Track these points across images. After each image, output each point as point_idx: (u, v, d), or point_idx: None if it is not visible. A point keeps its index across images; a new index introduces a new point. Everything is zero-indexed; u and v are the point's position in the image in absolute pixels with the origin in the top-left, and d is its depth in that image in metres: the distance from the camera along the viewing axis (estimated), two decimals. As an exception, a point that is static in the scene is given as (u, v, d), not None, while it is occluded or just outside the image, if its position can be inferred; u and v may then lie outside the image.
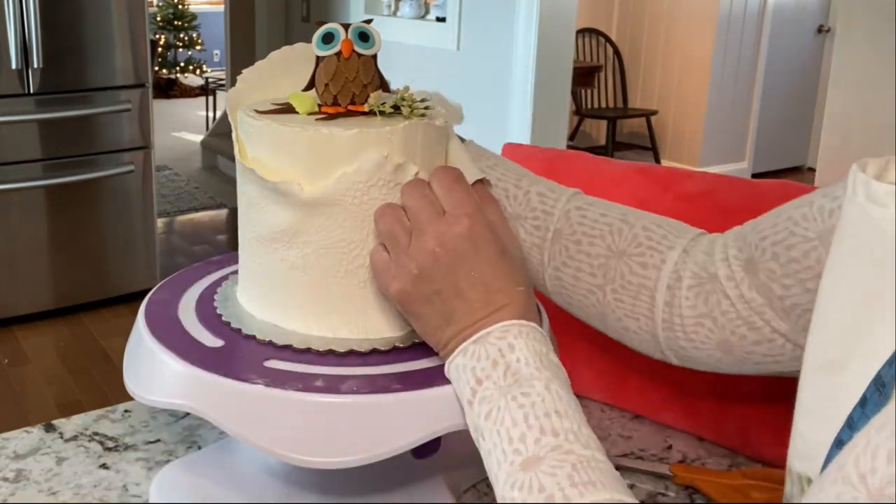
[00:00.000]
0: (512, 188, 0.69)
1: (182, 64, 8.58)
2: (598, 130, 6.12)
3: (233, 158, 0.66)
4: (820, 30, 5.99)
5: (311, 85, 0.65)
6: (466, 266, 0.57)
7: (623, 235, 0.66)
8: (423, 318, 0.59)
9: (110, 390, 2.80)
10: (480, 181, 0.64)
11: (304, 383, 0.58)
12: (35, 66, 3.04)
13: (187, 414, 0.83)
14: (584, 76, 5.44)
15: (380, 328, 0.64)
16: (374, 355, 0.62)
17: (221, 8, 6.04)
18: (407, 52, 3.33)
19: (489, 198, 0.63)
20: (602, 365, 0.89)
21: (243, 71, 0.69)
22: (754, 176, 5.74)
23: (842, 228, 0.48)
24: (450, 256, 0.57)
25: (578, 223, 0.67)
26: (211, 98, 6.68)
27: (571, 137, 5.91)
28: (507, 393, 0.53)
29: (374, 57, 0.64)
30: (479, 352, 0.56)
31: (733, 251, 0.62)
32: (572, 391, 0.55)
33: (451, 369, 0.58)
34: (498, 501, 0.51)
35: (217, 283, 0.74)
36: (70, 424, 0.82)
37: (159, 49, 8.36)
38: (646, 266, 0.65)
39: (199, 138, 6.25)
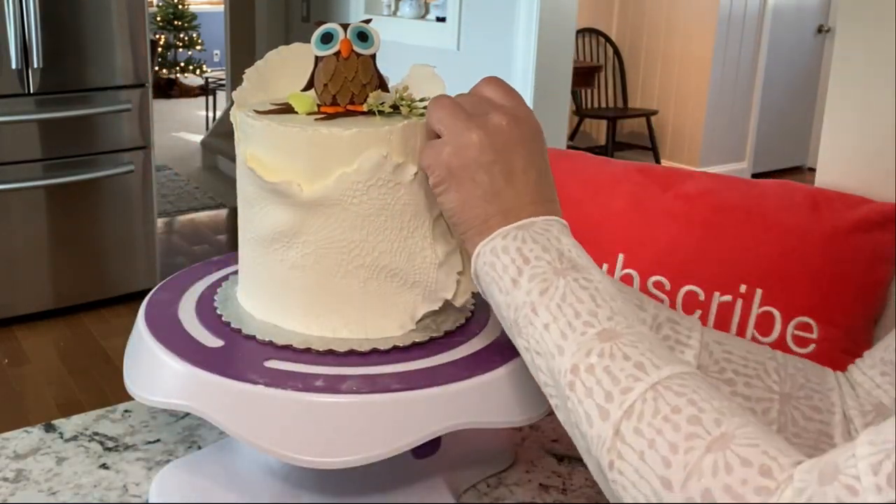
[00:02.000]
0: (636, 310, 0.61)
1: (182, 64, 8.58)
2: (598, 130, 6.12)
3: (233, 158, 0.66)
4: (820, 30, 5.99)
5: (310, 85, 0.65)
6: (527, 149, 0.56)
7: (781, 375, 0.61)
8: (467, 188, 0.56)
9: (110, 390, 2.80)
10: None
11: (304, 383, 0.58)
12: (35, 66, 3.04)
13: (187, 414, 0.83)
14: (584, 76, 5.44)
15: (380, 328, 0.64)
16: (374, 355, 0.62)
17: (221, 8, 6.04)
18: (407, 52, 3.33)
19: None
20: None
21: (247, 70, 0.69)
22: (754, 176, 5.74)
23: None
24: (513, 133, 0.56)
25: (725, 359, 0.61)
26: (211, 98, 6.67)
27: (571, 137, 5.91)
28: (566, 274, 0.51)
29: (373, 57, 0.65)
30: (523, 236, 0.54)
31: (878, 378, 0.59)
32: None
33: (485, 252, 0.55)
34: (562, 372, 0.48)
35: (217, 283, 0.74)
36: (70, 424, 0.82)
37: (159, 49, 8.35)
38: (819, 410, 0.60)
39: (199, 138, 6.24)
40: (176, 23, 8.55)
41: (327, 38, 0.63)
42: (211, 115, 6.65)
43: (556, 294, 0.50)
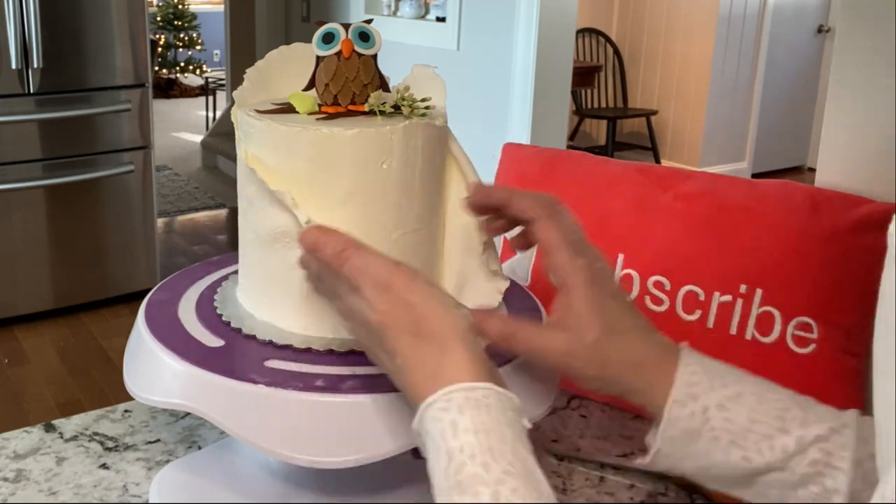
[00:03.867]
0: (777, 434, 0.55)
1: (182, 64, 8.58)
2: (598, 130, 6.11)
3: (233, 158, 0.66)
4: (820, 30, 5.99)
5: (311, 85, 0.65)
6: (386, 341, 0.53)
7: None
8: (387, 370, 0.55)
9: (110, 390, 2.80)
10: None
11: (304, 383, 0.58)
12: (35, 66, 3.04)
13: (187, 414, 0.83)
14: (584, 76, 5.43)
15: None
16: (374, 355, 0.62)
17: (221, 8, 6.04)
18: (407, 52, 3.33)
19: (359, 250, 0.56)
20: (602, 365, 0.89)
21: (248, 70, 0.69)
22: (754, 176, 5.74)
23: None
24: (370, 336, 0.55)
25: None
26: (211, 98, 6.67)
27: (571, 137, 5.91)
28: (450, 499, 0.45)
29: (375, 57, 0.65)
30: (427, 426, 0.49)
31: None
32: (538, 471, 0.47)
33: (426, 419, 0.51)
34: None
35: (217, 283, 0.74)
36: (70, 424, 0.82)
37: (159, 49, 8.35)
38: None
39: (199, 138, 6.24)
40: (176, 23, 8.55)
41: (329, 38, 0.63)
42: (211, 115, 6.64)
43: None
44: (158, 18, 8.46)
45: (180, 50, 8.61)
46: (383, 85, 0.66)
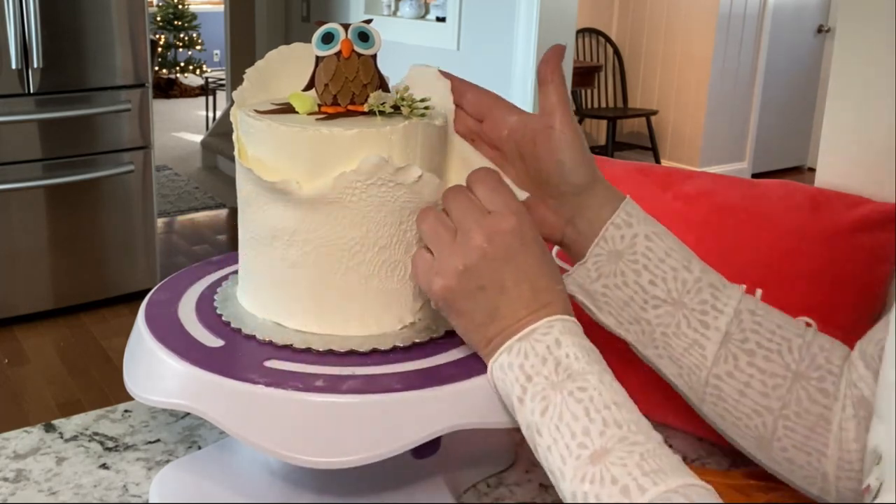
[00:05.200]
0: (682, 270, 0.64)
1: (182, 64, 8.58)
2: (598, 130, 6.12)
3: (233, 158, 0.66)
4: (820, 30, 5.99)
5: (310, 85, 0.65)
6: (514, 263, 0.57)
7: (802, 354, 0.61)
8: (467, 316, 0.58)
9: (110, 390, 2.80)
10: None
11: (304, 383, 0.58)
12: (35, 66, 3.04)
13: (187, 414, 0.83)
14: (584, 76, 5.44)
15: (380, 326, 0.64)
16: (374, 355, 0.62)
17: (221, 8, 6.05)
18: (407, 52, 3.33)
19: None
20: (602, 365, 0.89)
21: (247, 70, 0.69)
22: (754, 176, 5.74)
23: None
24: (497, 252, 0.57)
25: (752, 330, 0.63)
26: (211, 98, 6.68)
27: (571, 137, 5.90)
28: (563, 388, 0.53)
29: (374, 57, 0.64)
30: (525, 348, 0.55)
31: (860, 368, 0.58)
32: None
33: (495, 368, 0.57)
34: (567, 496, 0.51)
35: (217, 283, 0.74)
36: (70, 424, 0.82)
37: (159, 49, 8.36)
38: (826, 394, 0.60)
39: (199, 138, 6.24)
40: (176, 23, 8.56)
41: (328, 38, 0.63)
42: (211, 115, 6.65)
43: (554, 414, 0.52)
44: (158, 18, 8.46)
45: (180, 50, 8.62)
46: (383, 85, 0.66)
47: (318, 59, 0.64)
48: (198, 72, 8.52)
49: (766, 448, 0.62)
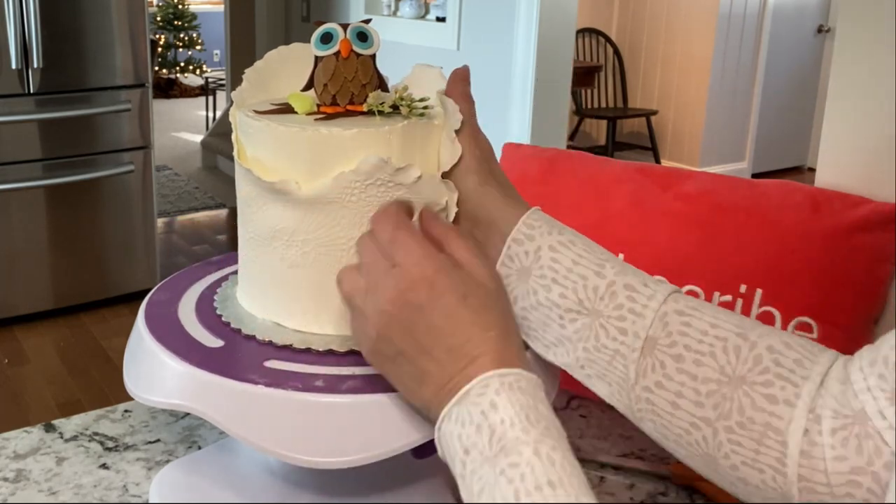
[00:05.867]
0: (592, 276, 0.58)
1: (182, 64, 8.58)
2: (598, 130, 6.12)
3: (233, 158, 0.66)
4: (820, 30, 5.99)
5: (309, 85, 0.65)
6: (424, 322, 0.52)
7: (741, 356, 0.53)
8: (398, 381, 0.55)
9: (110, 390, 2.80)
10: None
11: (304, 383, 0.58)
12: (35, 66, 3.04)
13: (187, 414, 0.83)
14: (584, 76, 5.44)
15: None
16: (373, 355, 0.62)
17: (221, 8, 6.05)
18: (407, 52, 3.33)
19: (448, 230, 0.58)
20: (602, 365, 0.89)
21: (247, 71, 0.69)
22: (754, 176, 5.74)
23: None
24: (403, 314, 0.53)
25: (680, 333, 0.55)
26: (211, 98, 6.68)
27: (571, 137, 5.91)
28: (496, 464, 0.47)
29: (373, 57, 0.64)
30: (462, 416, 0.50)
31: (873, 380, 0.49)
32: (567, 444, 0.49)
33: (440, 439, 0.52)
34: None
35: (217, 283, 0.74)
36: (70, 424, 0.82)
37: (159, 49, 8.36)
38: (774, 400, 0.51)
39: (199, 138, 6.24)
40: (176, 23, 8.56)
41: (327, 38, 0.63)
42: (211, 115, 6.65)
43: (490, 494, 0.47)
44: (158, 18, 8.46)
45: (180, 50, 8.62)
46: (382, 85, 0.66)
47: (317, 60, 0.64)
48: (198, 72, 8.52)
49: (713, 466, 0.54)
